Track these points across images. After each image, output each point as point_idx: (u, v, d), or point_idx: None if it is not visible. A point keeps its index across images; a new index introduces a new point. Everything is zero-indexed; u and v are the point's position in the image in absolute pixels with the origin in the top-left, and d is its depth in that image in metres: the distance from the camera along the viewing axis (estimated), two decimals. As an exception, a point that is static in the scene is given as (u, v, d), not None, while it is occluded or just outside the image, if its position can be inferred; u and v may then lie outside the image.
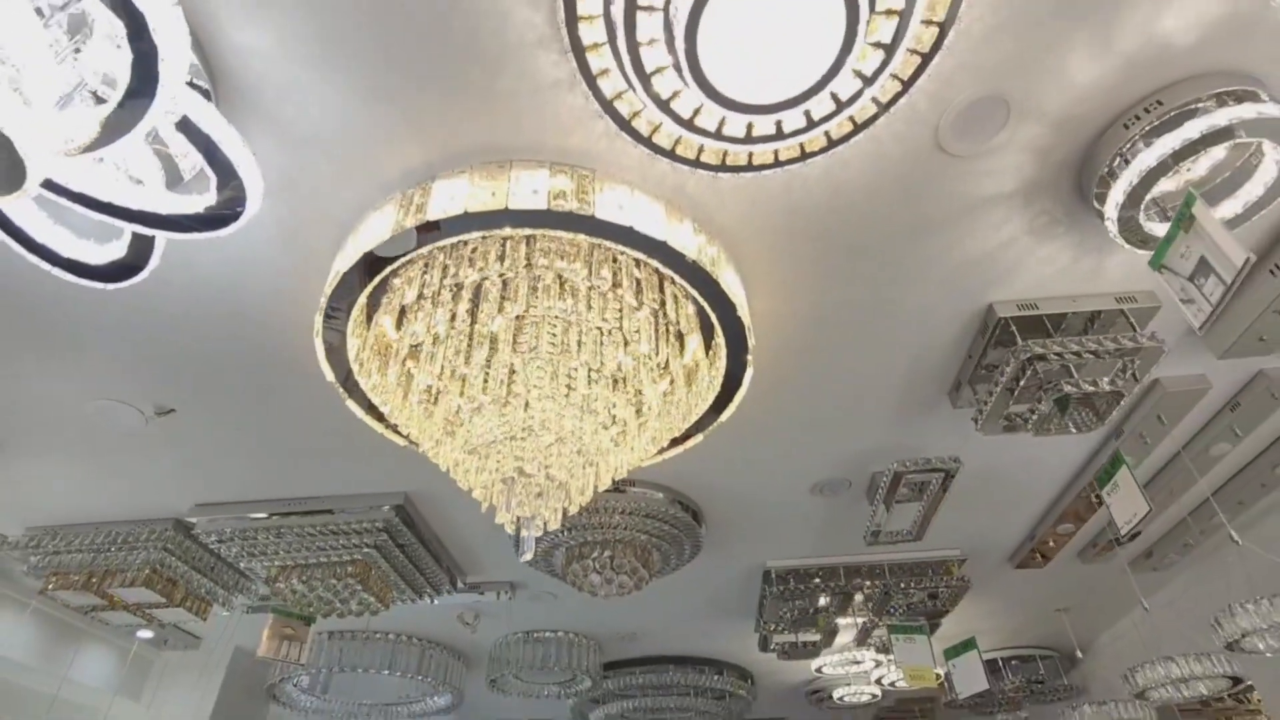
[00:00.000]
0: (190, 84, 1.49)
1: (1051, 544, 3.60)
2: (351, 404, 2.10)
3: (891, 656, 3.62)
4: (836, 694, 5.07)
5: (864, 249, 2.00)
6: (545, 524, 1.78)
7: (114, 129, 1.33)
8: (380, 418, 2.14)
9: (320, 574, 3.18)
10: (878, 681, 4.88)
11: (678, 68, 1.31)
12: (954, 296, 2.17)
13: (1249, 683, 3.03)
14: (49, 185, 1.44)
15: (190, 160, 1.65)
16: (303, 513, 3.05)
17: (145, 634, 4.24)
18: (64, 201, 1.46)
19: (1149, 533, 3.58)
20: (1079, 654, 4.73)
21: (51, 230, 1.59)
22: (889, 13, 1.26)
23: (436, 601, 3.83)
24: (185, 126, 1.43)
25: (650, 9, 1.24)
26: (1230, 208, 1.70)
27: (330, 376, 1.99)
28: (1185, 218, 1.46)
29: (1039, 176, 1.82)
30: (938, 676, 3.59)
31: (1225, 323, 2.24)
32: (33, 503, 3.08)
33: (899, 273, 2.08)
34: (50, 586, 3.20)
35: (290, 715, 5.31)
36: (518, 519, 1.75)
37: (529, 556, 1.73)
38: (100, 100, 1.48)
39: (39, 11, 1.27)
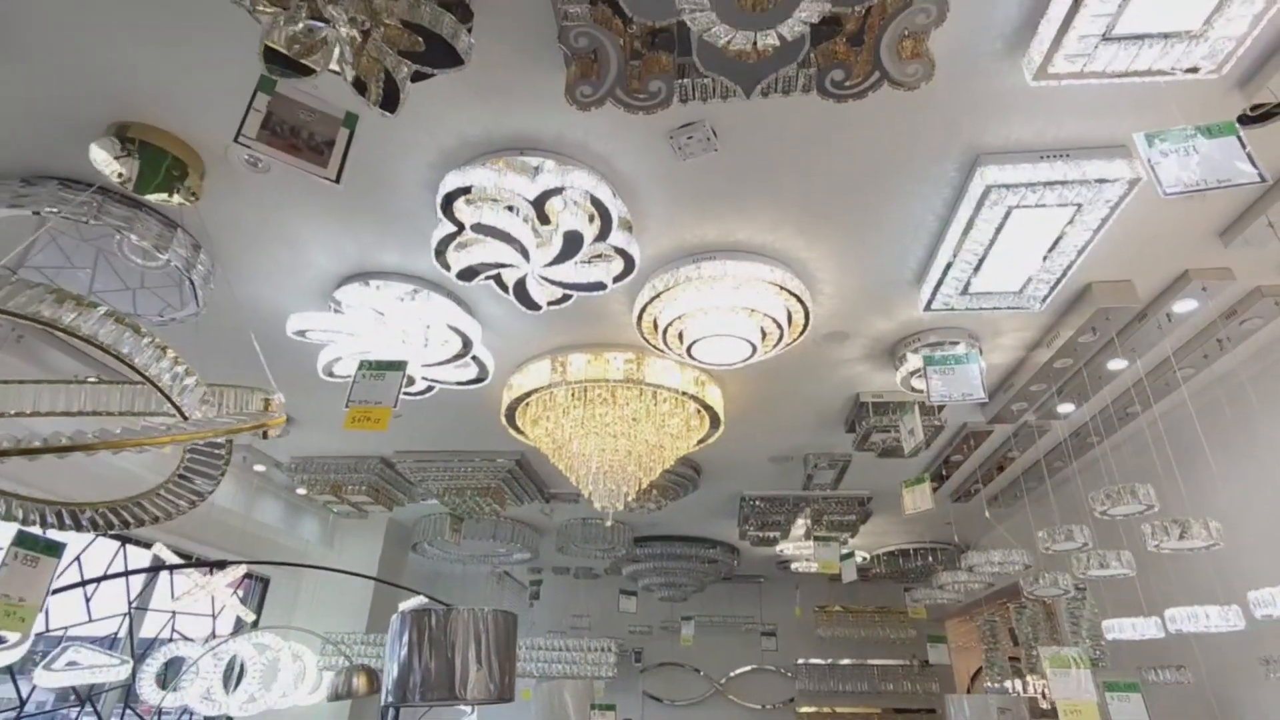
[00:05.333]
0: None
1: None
2: (512, 432, 4.05)
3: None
4: (794, 565, 7.38)
5: (787, 374, 3.79)
6: (616, 507, 3.76)
7: (447, 364, 3.18)
8: (522, 433, 4.10)
9: (470, 493, 5.32)
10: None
11: (681, 349, 3.06)
12: (838, 390, 3.98)
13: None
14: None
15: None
16: (461, 460, 5.12)
17: (338, 509, 6.56)
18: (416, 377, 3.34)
19: (992, 489, 5.53)
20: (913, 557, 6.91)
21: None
22: (774, 337, 2.99)
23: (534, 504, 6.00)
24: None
25: (668, 340, 2.99)
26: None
27: (504, 421, 3.93)
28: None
29: (871, 354, 3.56)
30: (839, 566, 5.75)
31: (992, 406, 4.03)
32: (301, 448, 5.18)
33: (806, 381, 3.88)
34: (309, 491, 5.40)
35: (423, 560, 7.83)
36: (603, 506, 3.74)
37: (610, 524, 3.73)
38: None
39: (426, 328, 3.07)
